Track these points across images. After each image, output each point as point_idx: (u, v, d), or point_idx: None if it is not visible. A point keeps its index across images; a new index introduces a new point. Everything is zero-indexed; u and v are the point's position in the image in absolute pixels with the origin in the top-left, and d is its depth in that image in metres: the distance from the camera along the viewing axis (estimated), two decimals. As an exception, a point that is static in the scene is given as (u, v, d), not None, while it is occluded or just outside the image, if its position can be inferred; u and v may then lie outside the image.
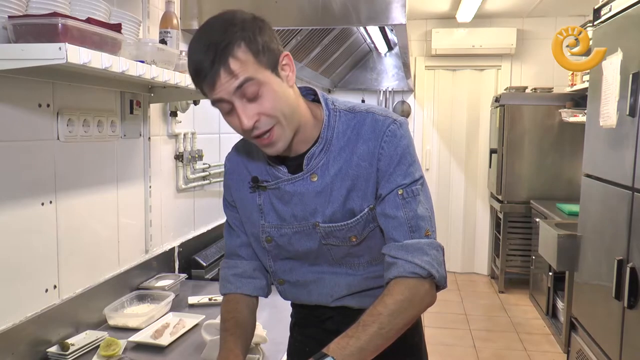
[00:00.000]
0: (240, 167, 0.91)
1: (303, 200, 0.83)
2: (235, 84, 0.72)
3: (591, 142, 2.09)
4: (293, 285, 0.92)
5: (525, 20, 3.95)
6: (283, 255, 0.90)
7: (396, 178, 0.81)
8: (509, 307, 3.42)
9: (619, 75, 1.77)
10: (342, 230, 0.83)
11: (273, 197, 0.86)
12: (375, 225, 0.84)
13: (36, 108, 1.07)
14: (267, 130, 0.75)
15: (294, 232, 0.86)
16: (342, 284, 0.89)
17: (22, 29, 0.85)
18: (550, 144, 3.48)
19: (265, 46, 0.73)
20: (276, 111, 0.74)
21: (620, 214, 1.74)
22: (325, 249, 0.86)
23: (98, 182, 1.28)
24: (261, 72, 0.73)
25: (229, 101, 0.73)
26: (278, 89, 0.75)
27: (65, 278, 1.15)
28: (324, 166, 0.82)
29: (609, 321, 1.79)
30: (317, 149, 0.82)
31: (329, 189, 0.82)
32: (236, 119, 0.75)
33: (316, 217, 0.83)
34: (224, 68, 0.71)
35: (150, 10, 1.47)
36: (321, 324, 0.95)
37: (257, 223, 0.88)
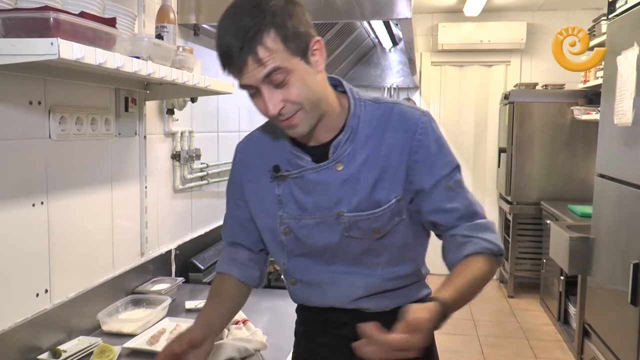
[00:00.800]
0: (254, 158, 0.91)
1: (327, 189, 0.84)
2: (263, 73, 0.73)
3: (605, 141, 2.04)
4: (306, 285, 0.91)
5: (535, 13, 3.87)
6: (299, 251, 0.88)
7: (439, 170, 0.83)
8: (519, 313, 3.35)
9: (635, 70, 1.72)
10: (367, 220, 0.83)
11: (294, 186, 0.86)
12: (400, 220, 0.85)
13: (27, 105, 1.05)
14: (291, 115, 0.77)
15: (316, 223, 0.85)
16: (359, 284, 0.88)
17: (12, 23, 0.83)
18: (562, 143, 3.42)
19: (295, 32, 0.74)
20: (302, 98, 0.76)
21: (636, 216, 1.69)
22: (344, 244, 0.85)
23: (91, 182, 1.26)
24: (290, 59, 0.74)
25: (255, 87, 0.75)
26: (305, 76, 0.76)
27: (57, 282, 1.14)
28: (349, 155, 0.83)
29: (624, 327, 1.74)
30: (343, 137, 0.83)
31: (355, 178, 0.83)
32: (262, 103, 0.77)
33: (341, 206, 0.83)
34: (252, 56, 0.71)
35: (146, 4, 1.45)
36: (335, 331, 0.93)
37: (274, 214, 0.87)
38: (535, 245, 3.48)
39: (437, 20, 3.96)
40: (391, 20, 2.59)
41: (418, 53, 3.94)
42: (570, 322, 2.84)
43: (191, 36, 1.71)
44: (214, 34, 1.87)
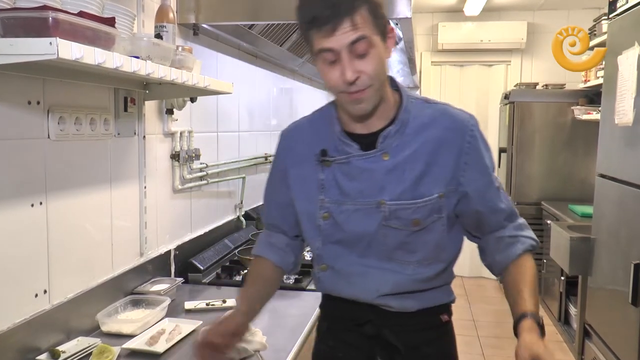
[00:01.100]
0: (299, 144, 0.94)
1: (372, 176, 0.86)
2: (353, 37, 0.76)
3: (606, 141, 2.04)
4: (336, 273, 0.92)
5: (536, 13, 3.87)
6: (335, 237, 0.90)
7: (489, 171, 0.90)
8: (519, 311, 3.36)
9: (636, 70, 1.72)
10: (407, 210, 0.86)
11: (339, 172, 0.89)
12: (439, 217, 0.88)
13: (26, 105, 1.05)
14: (362, 89, 0.80)
15: (356, 210, 0.88)
16: (389, 281, 0.89)
17: (11, 22, 0.83)
18: (563, 143, 3.42)
19: (380, 14, 0.80)
20: (376, 73, 0.80)
21: (637, 216, 1.69)
22: (381, 234, 0.87)
23: (90, 182, 1.26)
24: (375, 35, 0.79)
25: (337, 52, 0.77)
26: (382, 55, 0.81)
27: (56, 282, 1.13)
28: (397, 147, 0.87)
29: (625, 328, 1.73)
30: (393, 128, 0.87)
31: (400, 169, 0.86)
32: (336, 71, 0.79)
33: (383, 195, 0.86)
34: (349, 18, 0.75)
35: (146, 3, 1.45)
36: (359, 328, 0.94)
37: (315, 199, 0.90)
38: (536, 245, 3.50)
39: (437, 19, 3.96)
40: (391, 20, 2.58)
41: (418, 53, 3.94)
42: (571, 322, 2.84)
43: (190, 36, 1.70)
44: (214, 33, 1.88)
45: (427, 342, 0.93)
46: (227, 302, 1.41)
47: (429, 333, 0.94)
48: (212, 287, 1.60)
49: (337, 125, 0.90)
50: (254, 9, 1.58)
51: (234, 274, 1.69)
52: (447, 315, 0.97)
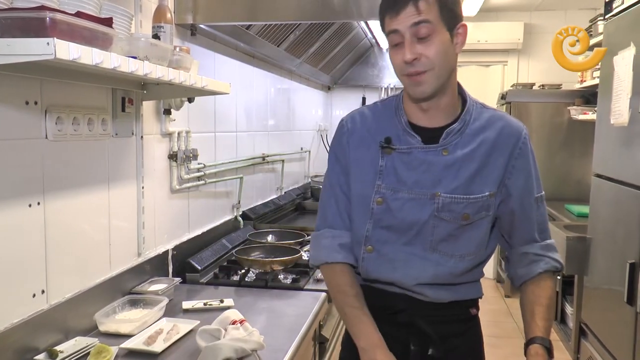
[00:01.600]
0: (362, 129, 0.98)
1: (431, 169, 0.92)
2: (415, 20, 0.84)
3: (602, 141, 2.05)
4: (381, 256, 0.96)
5: (532, 13, 3.89)
6: (385, 222, 0.94)
7: (533, 181, 0.95)
8: (516, 312, 3.35)
9: (632, 71, 1.73)
10: (460, 204, 0.91)
11: (398, 161, 0.94)
12: (487, 215, 0.93)
13: (23, 105, 1.05)
14: (421, 71, 0.86)
15: (410, 199, 0.92)
16: (429, 271, 0.93)
17: (8, 23, 0.83)
18: (559, 143, 3.43)
19: (450, 9, 0.87)
20: (435, 58, 0.86)
21: (633, 216, 1.70)
22: (431, 224, 0.92)
23: (88, 182, 1.26)
24: (439, 23, 0.85)
25: (402, 34, 0.85)
26: (445, 43, 0.86)
27: (54, 282, 1.13)
28: (456, 145, 0.92)
29: (621, 327, 1.75)
30: (456, 126, 0.93)
31: (457, 165, 0.92)
32: (400, 54, 0.87)
33: (439, 187, 0.91)
34: (413, 3, 0.84)
35: (143, 3, 1.45)
36: (393, 317, 0.97)
37: (372, 183, 0.94)
38: (533, 244, 3.52)
39: (435, 20, 3.97)
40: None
41: (415, 53, 3.95)
42: (567, 321, 2.85)
43: (188, 36, 1.70)
44: (211, 34, 1.88)
45: (456, 334, 0.97)
46: (225, 301, 1.41)
47: (458, 325, 0.98)
48: (210, 287, 1.60)
49: (403, 116, 0.95)
50: (251, 9, 1.58)
51: (232, 273, 1.69)
52: (476, 309, 1.01)
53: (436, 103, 0.92)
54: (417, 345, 0.95)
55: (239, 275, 1.65)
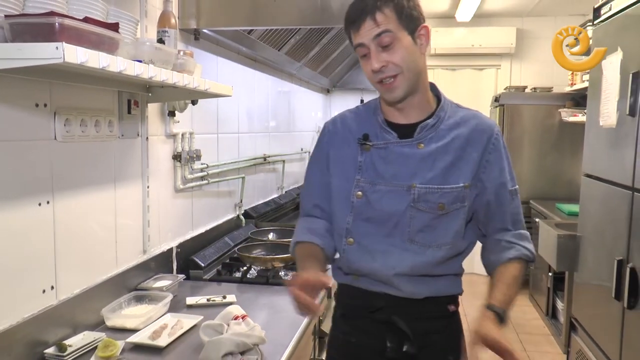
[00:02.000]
0: (343, 129, 1.04)
1: (407, 162, 0.96)
2: (376, 32, 0.89)
3: (591, 142, 2.08)
4: (362, 248, 0.99)
5: (524, 19, 3.95)
6: (365, 215, 0.98)
7: (506, 174, 0.98)
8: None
9: (619, 74, 1.76)
10: (435, 194, 0.94)
11: (376, 156, 0.98)
12: (462, 206, 0.96)
13: (33, 108, 1.07)
14: (391, 75, 0.91)
15: (388, 191, 0.96)
16: (407, 260, 0.96)
17: (19, 28, 0.85)
18: (550, 144, 3.48)
19: (408, 14, 0.91)
20: (402, 62, 0.91)
21: (620, 214, 1.74)
22: (408, 215, 0.95)
23: (95, 182, 1.28)
24: (399, 30, 0.90)
25: (367, 46, 0.91)
26: (409, 48, 0.91)
27: (63, 279, 1.15)
28: (431, 139, 0.96)
29: (609, 322, 1.78)
30: (430, 122, 0.97)
31: (432, 158, 0.95)
32: (369, 63, 0.92)
33: (415, 179, 0.95)
34: (371, 17, 0.89)
35: (148, 9, 1.47)
36: (371, 315, 1.00)
37: (352, 178, 0.99)
38: (525, 243, 3.56)
39: (430, 25, 3.95)
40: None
41: (411, 56, 3.99)
42: (558, 316, 2.89)
43: (192, 40, 1.72)
44: (214, 38, 1.91)
45: (436, 330, 0.99)
46: (227, 297, 1.43)
47: (437, 322, 1.00)
48: (213, 283, 1.61)
49: (380, 114, 1.00)
50: (253, 14, 1.60)
51: (234, 270, 1.71)
52: (454, 305, 1.03)
53: (410, 102, 0.97)
54: (393, 341, 0.97)
55: (241, 272, 1.66)
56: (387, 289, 0.98)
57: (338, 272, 1.05)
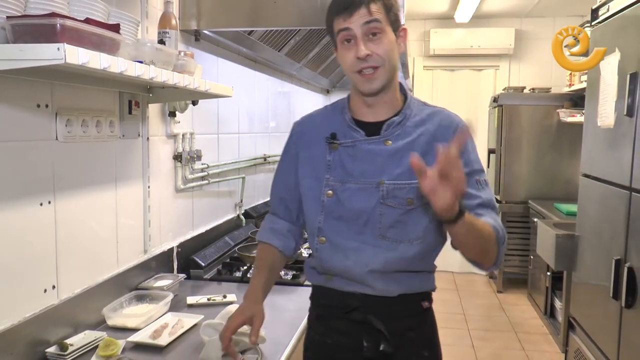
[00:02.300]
0: (311, 130, 1.05)
1: (375, 159, 0.97)
2: (368, 19, 0.91)
3: (589, 142, 2.09)
4: (333, 246, 0.99)
5: (523, 20, 3.96)
6: (336, 213, 0.99)
7: (472, 164, 0.98)
8: (507, 307, 3.43)
9: (617, 75, 1.77)
10: (403, 190, 0.95)
11: (345, 154, 0.99)
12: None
13: (35, 108, 1.07)
14: (373, 66, 0.92)
15: (357, 189, 0.97)
16: (380, 257, 0.97)
17: (21, 29, 0.85)
18: (549, 144, 3.49)
19: (394, 12, 0.95)
20: (385, 55, 0.92)
21: (618, 214, 1.75)
22: (378, 212, 0.96)
23: (96, 182, 1.29)
24: (386, 24, 0.93)
25: (354, 34, 0.91)
26: (392, 43, 0.94)
27: (64, 278, 1.16)
28: (398, 136, 0.98)
29: (607, 321, 1.80)
30: (397, 119, 0.98)
31: (400, 154, 0.96)
32: (352, 50, 0.92)
33: (383, 175, 0.96)
34: (365, 5, 0.91)
35: (149, 10, 1.48)
36: (346, 315, 1.00)
37: (321, 177, 1.00)
38: (523, 242, 3.56)
39: (429, 26, 4.03)
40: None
41: (411, 58, 4.00)
42: (556, 315, 2.90)
43: (192, 41, 1.72)
44: (215, 39, 1.91)
45: (410, 328, 1.00)
46: (228, 297, 1.44)
47: (411, 319, 1.00)
48: (213, 282, 1.62)
49: (347, 113, 1.01)
50: (253, 15, 1.61)
51: (234, 270, 1.72)
52: (428, 302, 1.03)
53: (381, 99, 0.97)
54: (369, 341, 0.97)
55: (241, 272, 1.67)
56: (361, 289, 0.98)
57: (312, 272, 1.06)
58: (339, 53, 0.96)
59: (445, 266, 4.19)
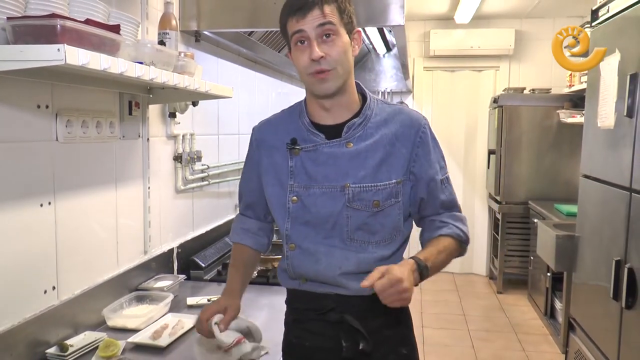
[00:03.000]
0: (270, 136, 1.03)
1: (337, 162, 0.96)
2: (322, 21, 0.90)
3: (589, 143, 2.09)
4: (304, 252, 0.99)
5: (523, 21, 3.96)
6: (303, 219, 0.98)
7: (435, 165, 0.99)
8: (508, 308, 3.43)
9: (617, 76, 1.78)
10: (369, 192, 0.95)
11: (306, 159, 0.97)
12: (396, 202, 0.97)
13: (35, 109, 1.07)
14: (326, 69, 0.91)
15: (322, 193, 0.96)
16: (352, 259, 0.97)
17: (21, 30, 0.85)
18: (549, 145, 3.49)
19: (348, 15, 0.94)
20: (339, 57, 0.91)
21: (618, 215, 1.75)
22: (345, 215, 0.96)
23: (97, 183, 1.29)
24: (340, 27, 0.92)
25: (307, 35, 0.90)
26: (346, 45, 0.93)
27: (64, 279, 1.16)
28: (359, 137, 0.96)
29: (607, 321, 1.80)
30: (357, 121, 0.97)
31: (363, 156, 0.96)
32: (306, 52, 0.91)
33: (347, 178, 0.95)
34: (319, 7, 0.90)
35: (149, 11, 1.48)
36: (322, 316, 1.00)
37: (285, 184, 0.99)
38: (523, 243, 3.56)
39: (429, 27, 4.03)
40: (385, 27, 2.64)
41: (411, 58, 4.01)
42: (557, 316, 2.90)
43: (192, 42, 1.73)
44: (215, 40, 1.91)
45: (387, 326, 1.00)
46: (228, 298, 1.45)
47: (388, 317, 1.00)
48: (213, 283, 1.62)
49: (305, 117, 1.00)
50: (253, 16, 1.61)
51: None
52: None
53: (338, 101, 0.96)
54: (348, 341, 0.97)
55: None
56: (334, 289, 0.98)
57: (284, 277, 1.04)
58: (293, 55, 0.95)
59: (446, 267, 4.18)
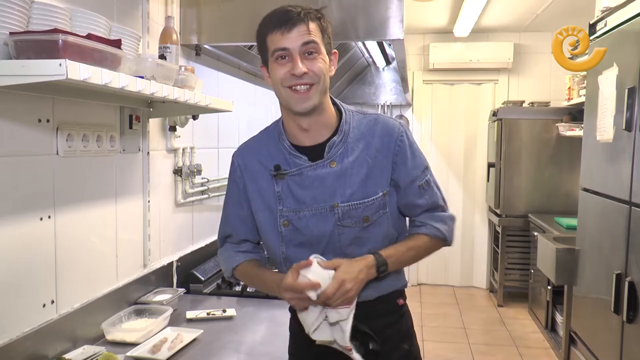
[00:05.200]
0: (253, 161, 1.02)
1: (324, 183, 0.96)
2: (306, 39, 0.91)
3: (588, 156, 2.10)
4: None
5: (522, 34, 4.00)
6: (297, 240, 0.99)
7: (413, 172, 1.00)
8: (508, 321, 3.40)
9: (615, 89, 1.79)
10: (358, 209, 0.96)
11: (292, 183, 0.97)
12: (384, 212, 0.98)
13: (36, 123, 1.08)
14: (308, 83, 0.92)
15: (312, 215, 0.97)
16: None
17: (23, 45, 0.86)
18: (548, 158, 3.50)
19: (328, 35, 0.96)
20: (321, 74, 0.93)
21: (618, 228, 1.75)
22: (337, 233, 0.97)
23: (97, 196, 1.29)
24: (322, 46, 0.94)
25: (290, 53, 0.91)
26: (326, 63, 0.95)
27: (63, 293, 1.16)
28: (341, 155, 0.97)
29: (608, 335, 1.78)
30: (337, 138, 0.98)
31: (347, 173, 0.96)
32: (286, 68, 0.92)
33: (335, 198, 0.96)
34: (304, 24, 0.91)
35: (150, 25, 1.49)
36: None
37: (274, 209, 0.99)
38: (524, 256, 3.54)
39: (428, 40, 4.07)
40: (384, 41, 2.66)
41: (410, 72, 4.03)
42: (557, 330, 2.88)
43: (193, 56, 1.74)
44: (215, 54, 1.92)
45: (389, 325, 1.02)
46: (227, 311, 1.44)
47: (388, 317, 1.02)
48: (213, 297, 1.62)
49: (285, 140, 1.00)
50: (253, 30, 1.60)
51: (234, 284, 1.71)
52: (402, 299, 1.06)
53: (315, 120, 0.96)
54: (357, 344, 0.97)
55: (240, 286, 1.67)
56: None
57: None
58: (270, 67, 0.95)
59: (446, 280, 4.17)
